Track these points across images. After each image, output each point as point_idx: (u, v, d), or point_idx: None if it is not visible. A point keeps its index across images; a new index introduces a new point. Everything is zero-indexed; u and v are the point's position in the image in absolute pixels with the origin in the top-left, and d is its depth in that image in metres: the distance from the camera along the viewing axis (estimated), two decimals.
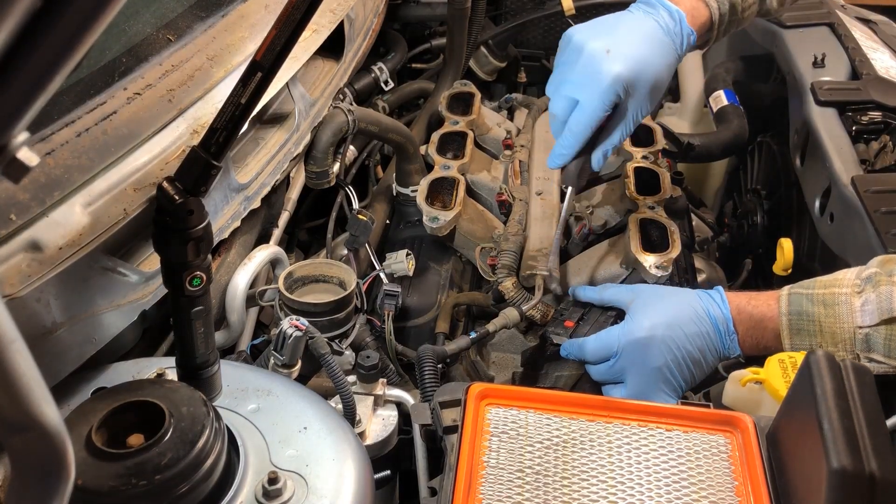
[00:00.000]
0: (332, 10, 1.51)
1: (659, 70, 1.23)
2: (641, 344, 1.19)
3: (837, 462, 0.74)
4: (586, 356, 1.26)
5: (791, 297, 1.18)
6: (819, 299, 1.15)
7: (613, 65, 1.19)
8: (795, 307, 1.17)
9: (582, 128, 1.23)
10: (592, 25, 1.25)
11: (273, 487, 0.81)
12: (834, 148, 1.55)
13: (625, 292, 1.28)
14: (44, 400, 0.52)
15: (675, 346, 1.18)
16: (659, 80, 1.24)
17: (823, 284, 1.16)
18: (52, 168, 0.87)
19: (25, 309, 0.82)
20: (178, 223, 0.85)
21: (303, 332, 1.07)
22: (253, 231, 1.32)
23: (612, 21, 1.27)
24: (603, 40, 1.21)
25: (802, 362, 0.85)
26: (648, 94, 1.23)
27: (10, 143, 0.46)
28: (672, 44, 1.25)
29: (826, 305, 1.14)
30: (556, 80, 1.26)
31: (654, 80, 1.22)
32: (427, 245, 1.56)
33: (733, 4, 1.31)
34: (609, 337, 1.23)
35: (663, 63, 1.24)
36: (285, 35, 0.83)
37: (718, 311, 1.21)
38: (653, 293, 1.26)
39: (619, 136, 1.26)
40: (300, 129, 1.37)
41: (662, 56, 1.23)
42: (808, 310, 1.15)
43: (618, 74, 1.19)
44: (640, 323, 1.20)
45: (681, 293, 1.25)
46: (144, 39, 1.09)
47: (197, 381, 0.92)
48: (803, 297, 1.16)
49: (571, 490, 0.86)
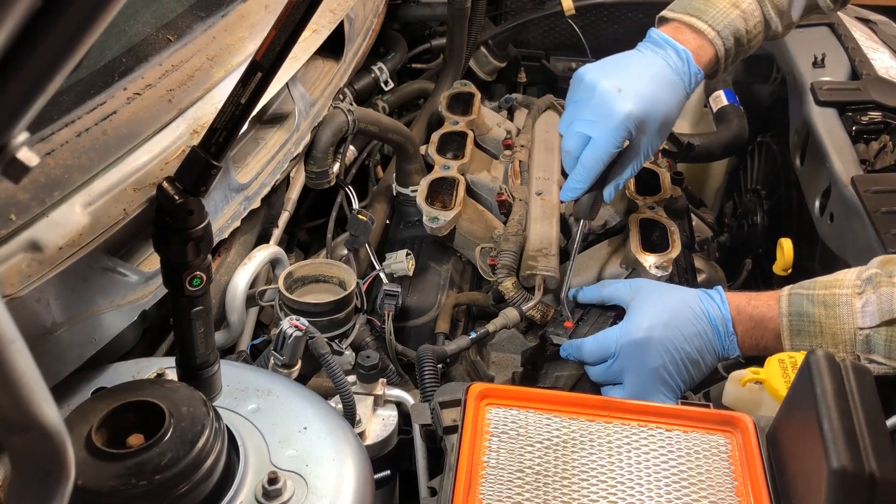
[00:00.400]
0: (331, 10, 1.51)
1: (668, 107, 1.27)
2: (639, 345, 1.19)
3: (837, 462, 0.74)
4: (584, 357, 1.26)
5: (791, 298, 1.18)
6: (819, 300, 1.15)
7: (625, 103, 1.22)
8: (796, 308, 1.17)
9: (594, 163, 1.25)
10: (604, 65, 1.29)
11: (273, 487, 0.81)
12: (834, 148, 1.55)
13: (624, 290, 1.29)
14: (44, 400, 0.52)
15: (672, 347, 1.18)
16: (668, 117, 1.28)
17: (824, 285, 1.16)
18: (52, 168, 0.87)
19: (25, 309, 0.82)
20: (178, 223, 0.85)
21: (303, 332, 1.07)
22: (253, 231, 1.32)
23: (622, 60, 1.31)
24: (614, 79, 1.24)
25: (802, 362, 0.85)
26: (658, 131, 1.27)
27: (10, 143, 0.46)
28: (680, 82, 1.29)
29: (826, 306, 1.14)
30: (569, 118, 1.29)
31: (663, 118, 1.26)
32: (427, 245, 1.57)
33: (738, 38, 1.34)
34: (607, 338, 1.23)
35: (672, 101, 1.28)
36: (285, 35, 0.83)
37: (718, 312, 1.21)
38: (652, 291, 1.26)
39: (630, 171, 1.29)
40: (300, 129, 1.37)
41: (671, 94, 1.27)
42: (809, 311, 1.15)
43: (629, 112, 1.22)
44: (638, 323, 1.21)
45: (680, 292, 1.26)
46: (144, 39, 1.09)
47: (197, 381, 0.92)
48: (804, 298, 1.17)
49: (571, 490, 0.86)
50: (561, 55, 2.36)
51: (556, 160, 1.69)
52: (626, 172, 1.29)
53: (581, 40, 2.24)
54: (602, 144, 1.23)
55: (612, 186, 1.30)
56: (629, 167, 1.28)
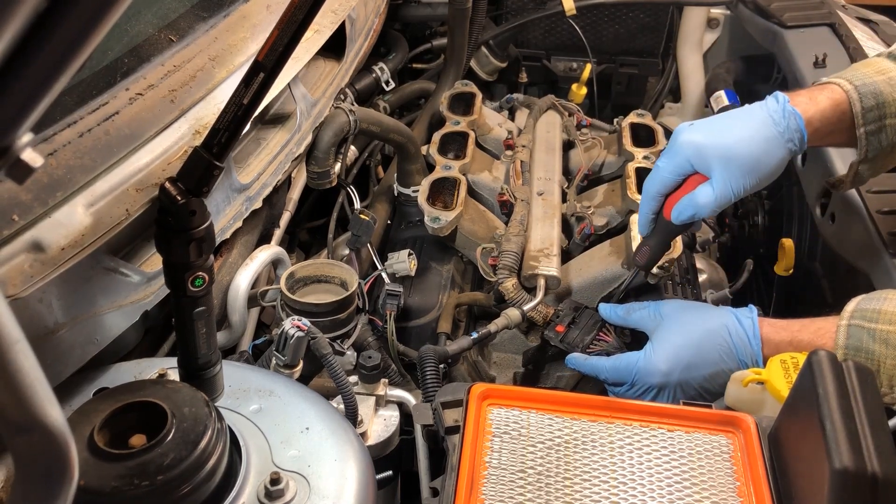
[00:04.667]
0: (333, 10, 1.51)
1: (752, 149, 1.16)
2: (655, 386, 1.19)
3: (840, 462, 0.74)
4: (600, 376, 1.26)
5: (850, 330, 1.08)
6: (882, 337, 1.05)
7: (689, 133, 1.19)
8: (854, 342, 1.08)
9: (650, 185, 1.22)
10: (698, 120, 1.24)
11: (275, 488, 0.81)
12: (835, 148, 1.55)
13: (649, 319, 1.24)
14: (47, 401, 0.52)
15: (689, 388, 1.18)
16: (753, 159, 1.15)
17: (888, 319, 1.06)
18: (55, 168, 0.87)
19: (28, 309, 0.82)
20: (180, 224, 0.85)
21: (304, 333, 1.07)
22: (254, 231, 1.32)
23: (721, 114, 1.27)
24: (696, 122, 1.21)
25: (805, 363, 0.85)
26: (740, 169, 1.15)
27: (15, 144, 0.46)
28: (774, 128, 1.17)
29: (889, 346, 1.05)
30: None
31: (745, 157, 1.15)
32: (428, 245, 1.57)
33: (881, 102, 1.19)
34: (627, 367, 1.21)
35: (760, 143, 1.16)
36: (287, 36, 0.83)
37: (748, 348, 1.16)
38: (676, 321, 1.21)
39: (703, 203, 1.16)
40: (302, 130, 1.37)
41: (757, 135, 1.17)
42: (869, 347, 1.06)
43: (689, 138, 1.18)
44: (657, 366, 1.18)
45: (710, 321, 1.19)
46: (146, 40, 1.09)
47: (199, 381, 0.92)
48: (864, 332, 1.07)
49: (573, 490, 0.86)
50: (562, 55, 2.36)
51: (556, 160, 1.69)
52: (697, 203, 1.17)
53: (582, 40, 2.25)
54: (660, 168, 1.20)
55: (677, 209, 1.20)
56: (703, 201, 1.16)
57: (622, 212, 1.55)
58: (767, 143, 1.17)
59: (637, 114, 1.80)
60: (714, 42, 2.33)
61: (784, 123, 1.17)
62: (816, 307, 1.52)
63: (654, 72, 2.38)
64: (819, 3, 2.01)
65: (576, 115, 1.85)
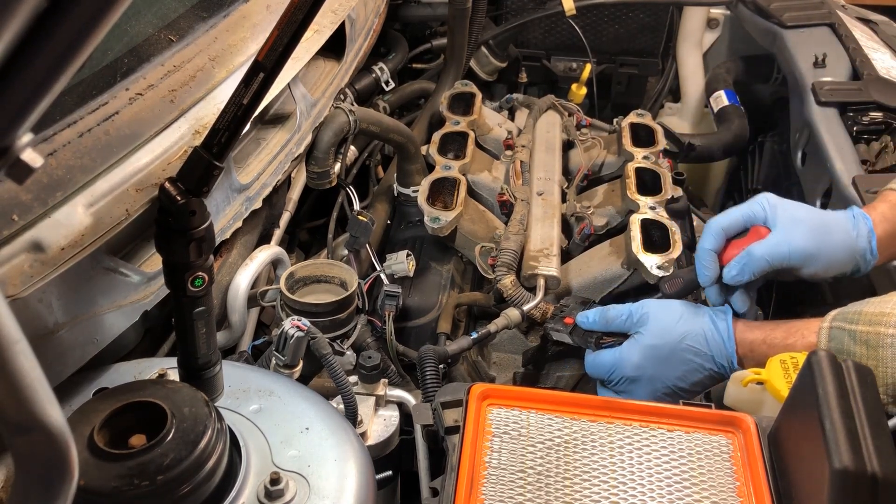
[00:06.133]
0: (333, 10, 1.51)
1: (818, 216, 1.20)
2: (628, 379, 1.22)
3: (839, 462, 0.74)
4: (587, 369, 1.29)
5: (832, 332, 1.10)
6: (862, 338, 1.06)
7: (772, 196, 1.22)
8: (836, 344, 1.09)
9: (719, 218, 1.23)
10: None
11: (275, 488, 0.81)
12: (835, 148, 1.55)
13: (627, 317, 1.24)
14: (47, 401, 0.52)
15: (661, 385, 1.21)
16: (818, 224, 1.19)
17: (868, 320, 1.07)
18: (55, 168, 0.87)
19: (28, 309, 0.82)
20: (180, 224, 0.85)
21: (304, 333, 1.07)
22: (254, 231, 1.32)
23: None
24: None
25: (804, 363, 0.86)
26: (799, 226, 1.18)
27: (15, 144, 0.46)
28: (844, 221, 1.20)
29: (869, 346, 1.06)
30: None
31: (805, 217, 1.19)
32: (428, 245, 1.57)
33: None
34: (603, 362, 1.25)
35: (827, 220, 1.20)
36: (287, 36, 0.83)
37: (722, 349, 1.18)
38: (655, 319, 1.22)
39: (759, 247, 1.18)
40: (301, 130, 1.37)
41: (829, 217, 1.21)
42: (850, 349, 1.07)
43: (769, 197, 1.21)
44: (630, 359, 1.21)
45: (686, 322, 1.21)
46: (146, 40, 1.09)
47: (199, 381, 0.92)
48: (845, 334, 1.08)
49: (573, 490, 0.86)
50: (561, 55, 2.36)
51: (556, 160, 1.69)
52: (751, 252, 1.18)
53: (582, 40, 2.25)
54: (731, 209, 1.23)
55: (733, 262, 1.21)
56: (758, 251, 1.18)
57: (622, 212, 1.55)
58: (836, 234, 1.19)
59: (637, 114, 1.80)
60: (714, 42, 2.34)
61: (858, 231, 1.20)
62: (816, 307, 1.52)
63: (653, 72, 2.38)
64: (819, 3, 2.01)
65: (576, 115, 1.85)
